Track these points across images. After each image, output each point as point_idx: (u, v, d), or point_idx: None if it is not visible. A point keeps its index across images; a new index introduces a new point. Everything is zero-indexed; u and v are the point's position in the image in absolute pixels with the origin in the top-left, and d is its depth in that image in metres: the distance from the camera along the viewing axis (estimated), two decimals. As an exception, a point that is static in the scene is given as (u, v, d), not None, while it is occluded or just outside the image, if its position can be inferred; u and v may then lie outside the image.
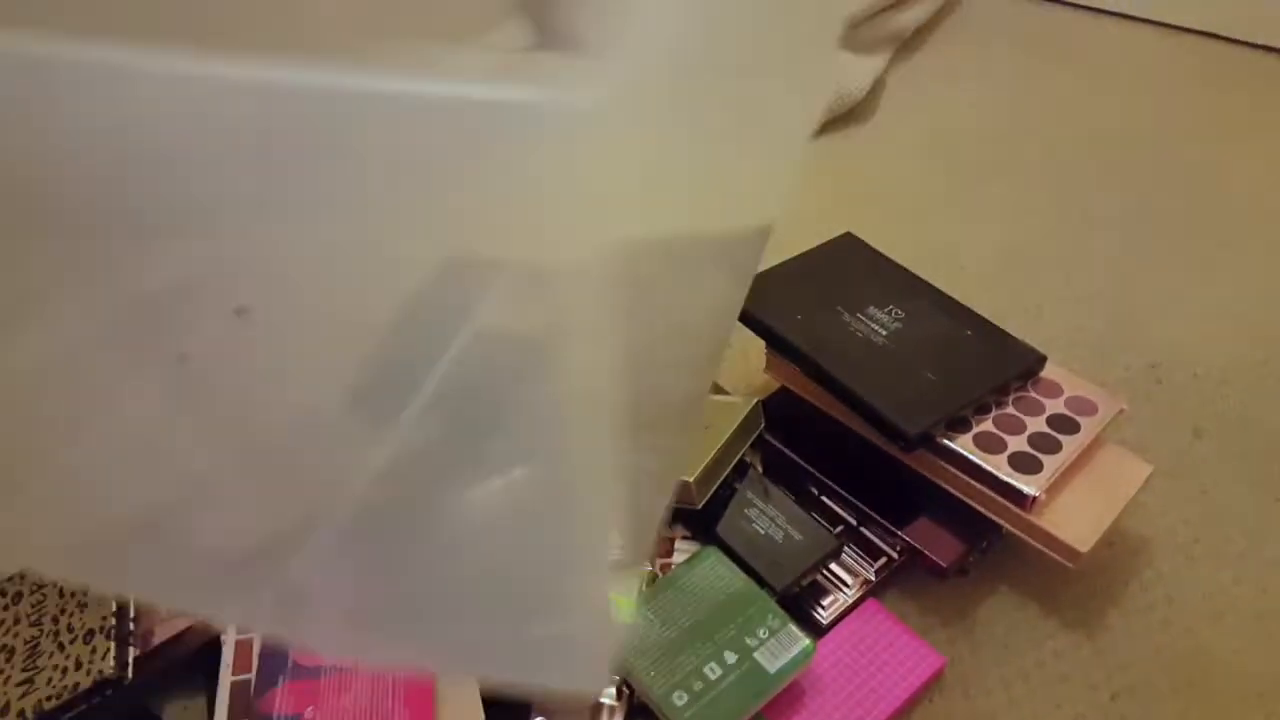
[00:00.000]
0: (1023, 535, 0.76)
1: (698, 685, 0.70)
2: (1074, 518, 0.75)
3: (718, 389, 0.96)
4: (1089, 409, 0.81)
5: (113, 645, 0.71)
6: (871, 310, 0.87)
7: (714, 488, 0.81)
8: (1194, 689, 0.75)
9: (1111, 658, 0.77)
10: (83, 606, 0.74)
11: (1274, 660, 0.77)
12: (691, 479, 0.78)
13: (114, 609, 0.73)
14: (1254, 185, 1.25)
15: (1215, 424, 0.95)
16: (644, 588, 0.79)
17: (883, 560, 0.81)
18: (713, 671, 0.71)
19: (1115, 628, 0.79)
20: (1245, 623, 0.79)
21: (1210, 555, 0.84)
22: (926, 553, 0.78)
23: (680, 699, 0.70)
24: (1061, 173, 1.28)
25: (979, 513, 0.79)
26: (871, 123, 1.37)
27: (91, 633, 0.72)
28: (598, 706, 0.73)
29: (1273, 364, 1.01)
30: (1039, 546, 0.76)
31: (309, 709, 0.67)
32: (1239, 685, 0.76)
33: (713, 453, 0.80)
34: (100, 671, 0.70)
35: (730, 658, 0.72)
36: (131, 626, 0.73)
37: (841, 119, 1.37)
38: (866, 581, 0.80)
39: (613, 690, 0.74)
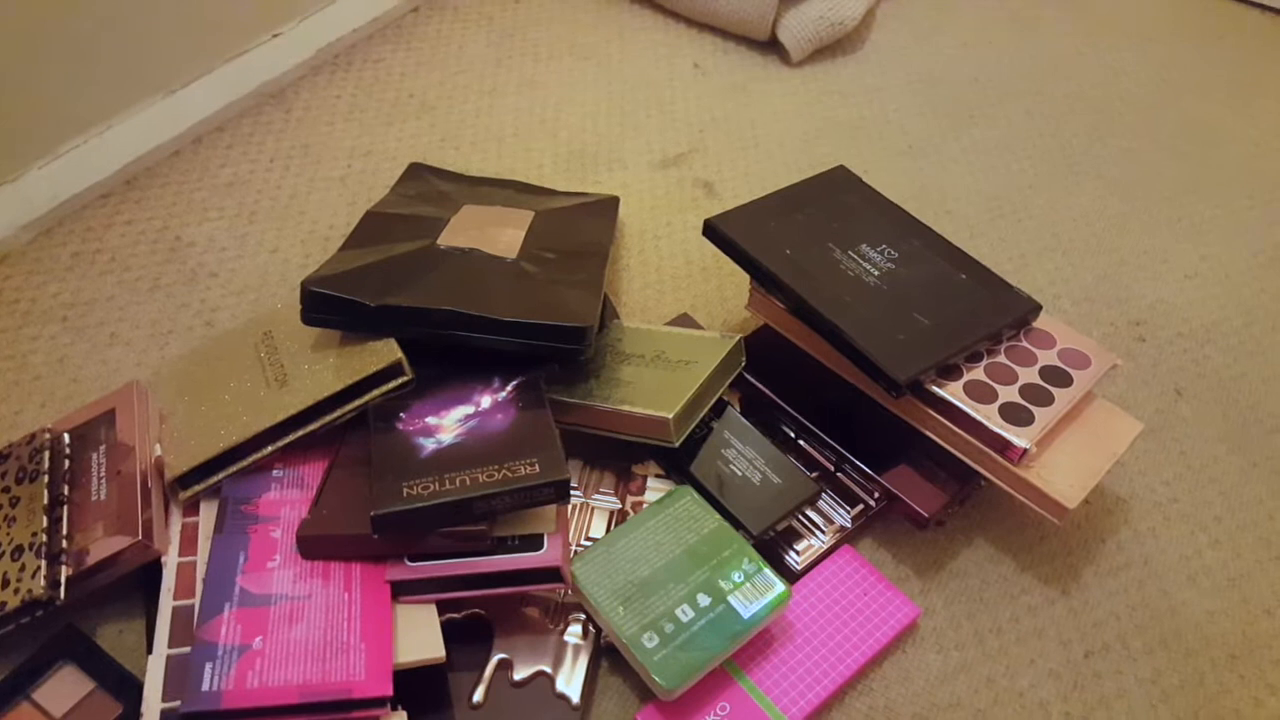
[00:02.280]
0: (1008, 488, 0.74)
1: (669, 627, 0.68)
2: (1062, 473, 0.73)
3: (697, 325, 0.92)
4: (1082, 362, 0.79)
5: (43, 564, 0.66)
6: (864, 249, 0.83)
7: (692, 426, 0.78)
8: (1167, 649, 0.75)
9: (1086, 615, 0.76)
10: (10, 521, 0.69)
11: (1247, 623, 0.76)
12: (670, 416, 0.74)
13: (45, 525, 0.67)
14: (1248, 147, 1.23)
15: (1197, 384, 0.94)
16: (613, 526, 0.76)
17: (860, 507, 0.79)
18: (685, 614, 0.68)
19: (1090, 586, 0.78)
20: (1219, 585, 0.79)
21: (1187, 517, 0.83)
22: (908, 501, 0.75)
23: (651, 640, 0.67)
24: (1052, 121, 1.24)
25: (961, 462, 0.77)
26: (860, 54, 1.32)
27: (20, 549, 0.67)
28: (562, 645, 0.70)
29: (1255, 327, 1.00)
30: (1025, 501, 0.74)
31: (257, 638, 0.63)
32: (1212, 646, 0.75)
33: (692, 390, 0.76)
34: (29, 591, 0.64)
35: (704, 600, 0.69)
36: (64, 544, 0.68)
37: (830, 48, 1.31)
38: (842, 528, 0.78)
39: (578, 629, 0.71)
